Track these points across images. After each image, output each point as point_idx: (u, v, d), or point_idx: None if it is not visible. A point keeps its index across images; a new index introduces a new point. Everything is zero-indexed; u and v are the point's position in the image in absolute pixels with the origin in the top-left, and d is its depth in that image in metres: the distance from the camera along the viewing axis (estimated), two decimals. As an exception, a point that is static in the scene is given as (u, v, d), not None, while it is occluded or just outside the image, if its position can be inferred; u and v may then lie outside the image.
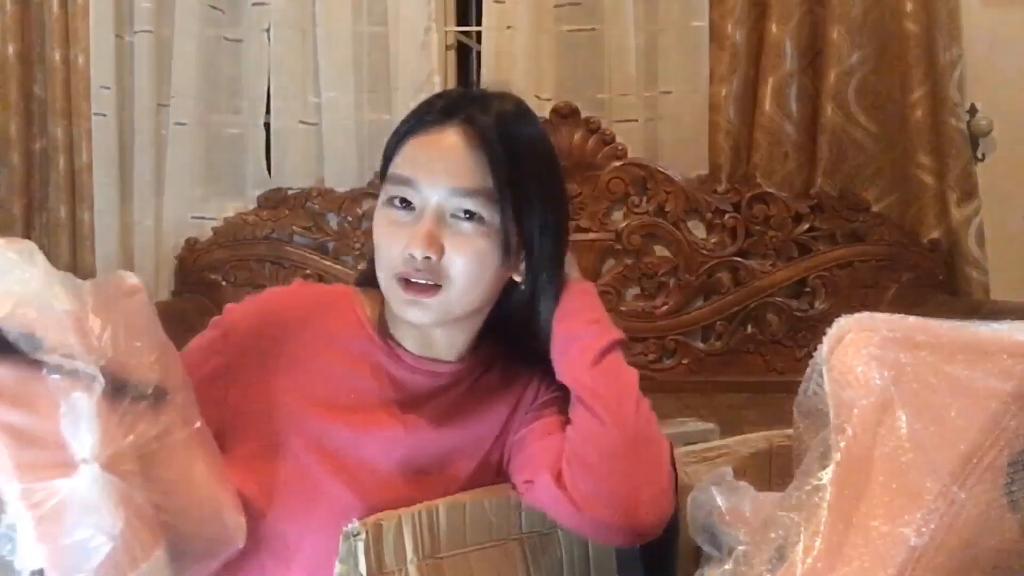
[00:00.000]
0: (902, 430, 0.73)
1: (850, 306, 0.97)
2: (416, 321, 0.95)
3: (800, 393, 0.83)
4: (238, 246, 2.40)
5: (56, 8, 2.34)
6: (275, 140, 2.42)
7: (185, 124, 2.38)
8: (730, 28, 2.30)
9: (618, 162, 2.33)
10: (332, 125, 2.39)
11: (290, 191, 2.40)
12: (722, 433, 1.25)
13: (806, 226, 2.31)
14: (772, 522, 0.77)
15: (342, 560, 0.85)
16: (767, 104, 2.29)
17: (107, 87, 2.34)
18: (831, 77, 2.26)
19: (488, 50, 2.37)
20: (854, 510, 0.73)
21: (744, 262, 2.32)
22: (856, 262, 2.30)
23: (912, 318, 0.78)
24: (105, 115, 2.34)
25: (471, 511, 0.93)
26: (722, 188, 2.32)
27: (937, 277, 2.28)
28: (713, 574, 0.86)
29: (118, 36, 2.36)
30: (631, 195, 2.33)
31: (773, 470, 1.07)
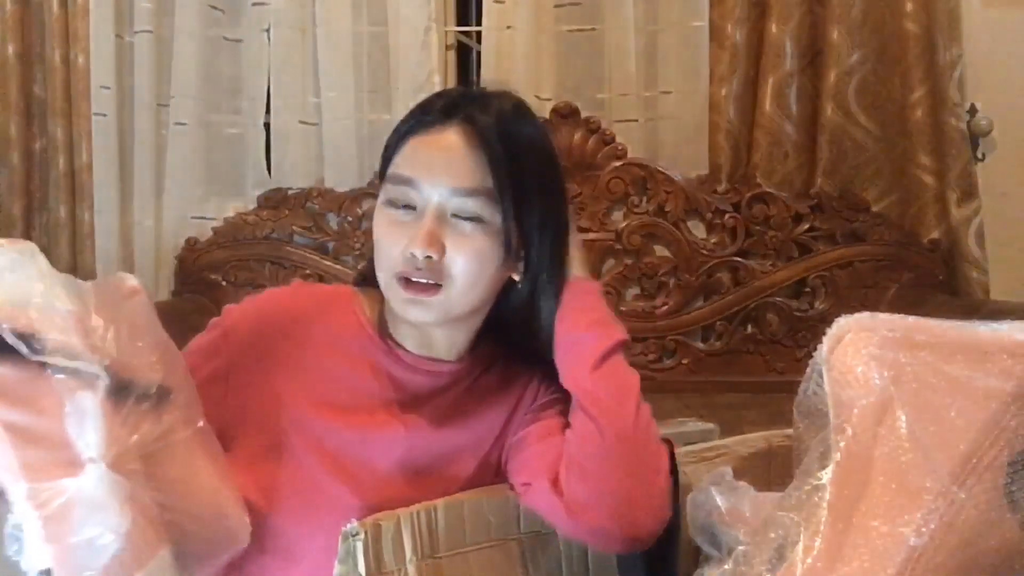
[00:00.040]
0: (902, 430, 0.73)
1: (850, 306, 0.97)
2: (417, 320, 0.95)
3: (800, 393, 0.83)
4: (238, 246, 2.40)
5: (56, 8, 2.33)
6: (275, 140, 2.41)
7: (185, 124, 2.37)
8: (730, 28, 2.29)
9: (618, 162, 2.32)
10: (332, 125, 2.38)
11: (290, 191, 2.40)
12: (722, 433, 1.25)
13: (806, 226, 2.31)
14: (772, 522, 0.78)
15: (341, 560, 0.85)
16: (767, 104, 2.29)
17: (107, 87, 2.34)
18: (831, 77, 2.26)
19: (488, 50, 2.36)
20: (854, 510, 0.73)
21: (744, 262, 2.32)
22: (856, 262, 2.30)
23: (912, 318, 0.78)
24: (105, 115, 2.34)
25: (470, 511, 0.93)
26: (722, 188, 2.32)
27: (937, 277, 2.28)
28: (713, 574, 0.86)
29: (118, 36, 2.36)
30: (631, 195, 2.33)
31: (772, 470, 1.07)
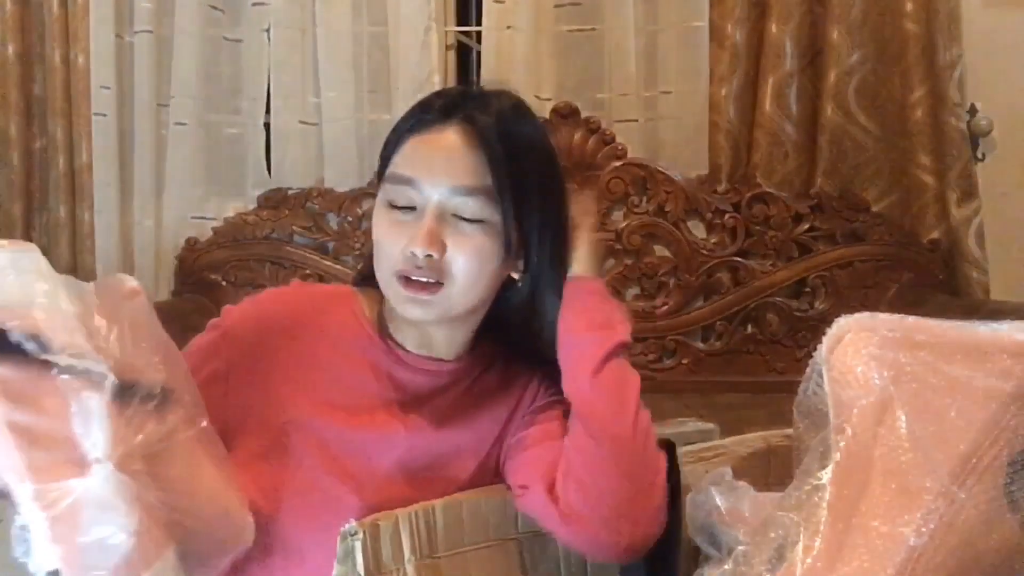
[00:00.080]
0: (901, 430, 0.73)
1: (850, 306, 0.97)
2: (417, 319, 0.95)
3: (800, 393, 0.83)
4: (238, 246, 2.39)
5: (56, 8, 2.33)
6: (275, 140, 2.41)
7: (185, 124, 2.37)
8: (730, 28, 2.29)
9: (618, 162, 2.32)
10: (332, 125, 2.38)
11: (290, 191, 2.40)
12: (722, 433, 1.25)
13: (806, 226, 2.31)
14: (772, 522, 0.78)
15: (340, 561, 0.85)
16: (767, 104, 2.29)
17: (107, 87, 2.33)
18: (831, 77, 2.26)
19: (488, 50, 2.36)
20: (854, 510, 0.73)
21: (744, 262, 2.32)
22: (856, 262, 2.30)
23: (912, 318, 0.78)
24: (105, 115, 2.34)
25: (468, 511, 0.93)
26: (722, 188, 2.32)
27: (937, 277, 2.28)
28: (713, 574, 0.86)
29: (118, 36, 2.36)
30: (631, 195, 2.33)
31: (771, 470, 1.07)
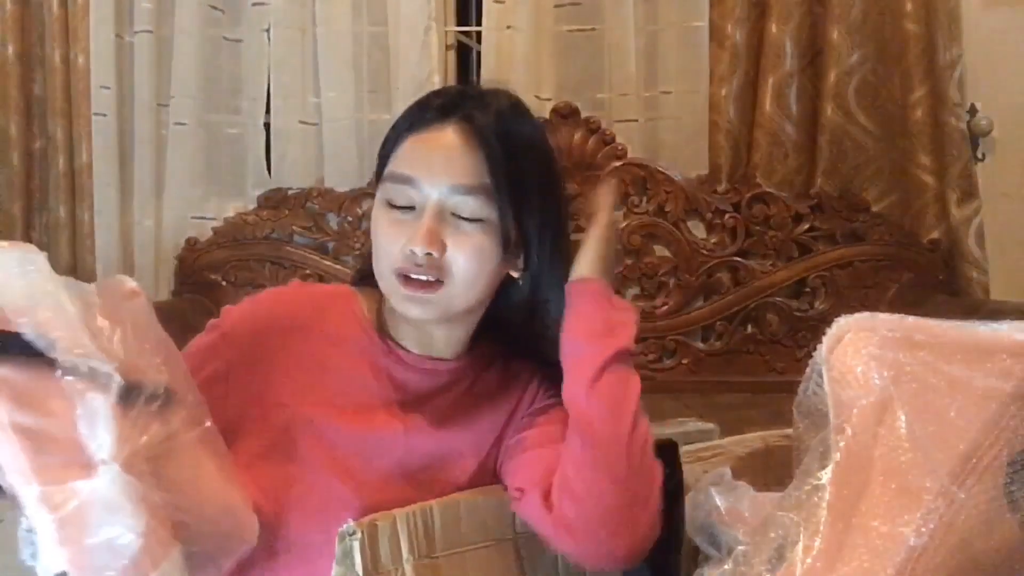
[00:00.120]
0: (901, 430, 0.73)
1: (850, 306, 0.97)
2: (416, 317, 0.95)
3: (800, 393, 0.83)
4: (238, 246, 2.40)
5: (56, 8, 2.33)
6: (275, 140, 2.41)
7: (185, 124, 2.37)
8: (730, 28, 2.29)
9: (618, 162, 2.32)
10: (332, 125, 2.38)
11: (290, 191, 2.40)
12: (722, 433, 1.25)
13: (806, 226, 2.31)
14: (771, 522, 0.78)
15: (338, 561, 0.85)
16: (767, 104, 2.29)
17: (107, 87, 2.34)
18: (831, 77, 2.26)
19: (488, 50, 2.36)
20: (854, 510, 0.73)
21: (744, 262, 2.32)
22: (856, 262, 2.30)
23: (912, 318, 0.78)
24: (105, 115, 2.34)
25: (466, 511, 0.94)
26: (722, 188, 2.32)
27: (937, 277, 2.28)
28: (713, 574, 0.86)
29: (118, 36, 2.36)
30: (631, 195, 2.33)
31: (770, 470, 1.07)
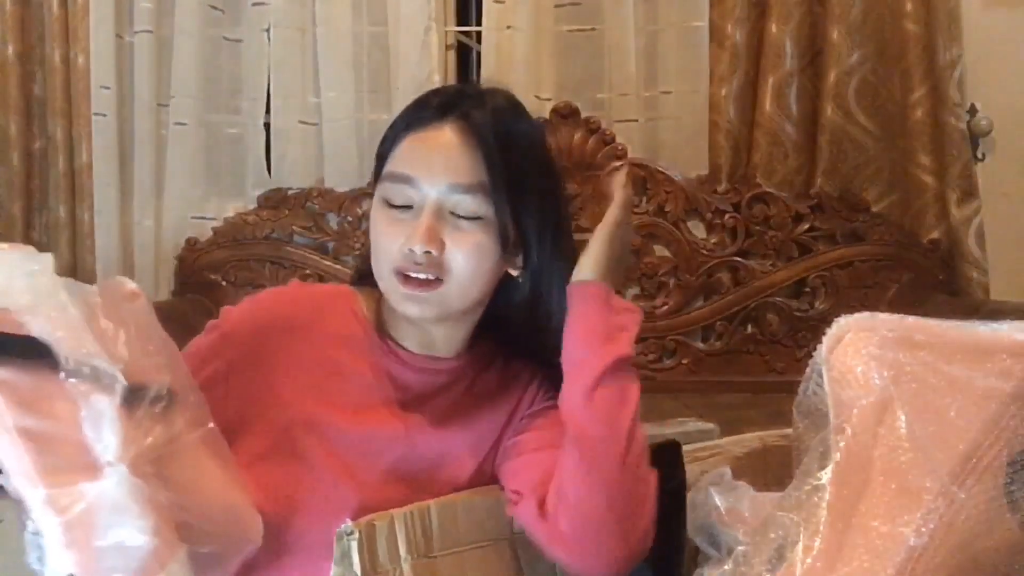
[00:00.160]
0: (901, 430, 0.73)
1: (850, 306, 0.97)
2: (415, 316, 0.95)
3: (800, 393, 0.83)
4: (238, 246, 2.39)
5: (56, 8, 2.33)
6: (275, 140, 2.41)
7: (185, 124, 2.37)
8: (730, 28, 2.29)
9: (618, 162, 2.32)
10: (332, 125, 2.38)
11: (290, 191, 2.40)
12: (722, 433, 1.25)
13: (806, 226, 2.31)
14: (771, 522, 0.78)
15: (337, 561, 0.85)
16: (767, 104, 2.29)
17: (107, 87, 2.33)
18: (831, 77, 2.26)
19: (488, 50, 2.36)
20: (853, 510, 0.73)
21: (744, 262, 2.32)
22: (856, 262, 2.30)
23: (912, 318, 0.78)
24: (105, 115, 2.34)
25: (463, 511, 0.94)
26: (722, 188, 2.32)
27: (937, 277, 2.28)
28: (713, 574, 0.86)
29: (118, 36, 2.35)
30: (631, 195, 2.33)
31: (768, 470, 1.07)
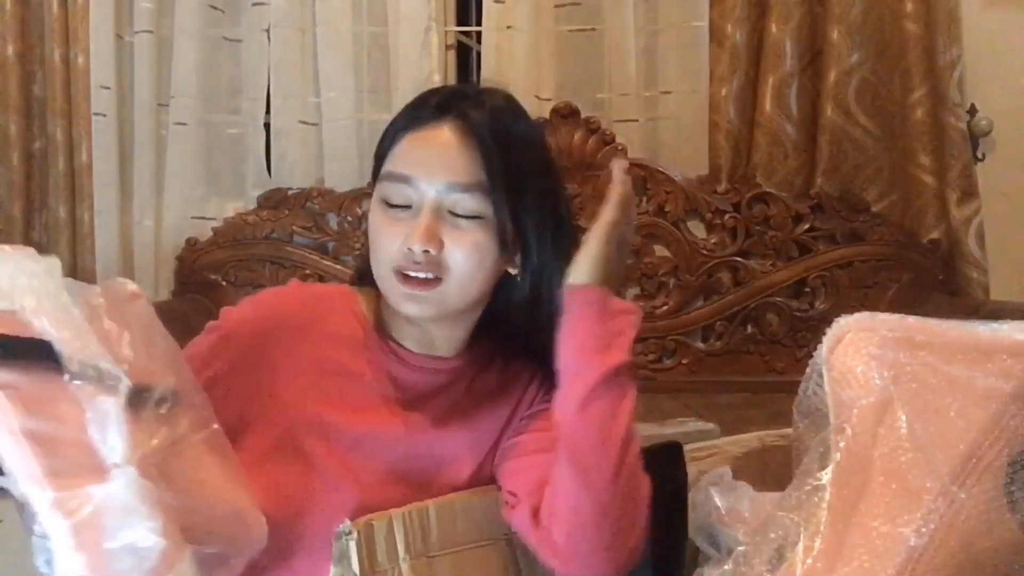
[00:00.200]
0: (902, 430, 0.73)
1: (850, 306, 0.97)
2: (415, 315, 0.95)
3: (800, 393, 0.83)
4: (238, 246, 2.39)
5: (56, 8, 2.33)
6: (275, 140, 2.41)
7: (185, 124, 2.37)
8: (730, 28, 2.29)
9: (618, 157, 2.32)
10: (332, 125, 2.38)
11: (290, 191, 2.40)
12: (722, 433, 1.26)
13: (806, 226, 2.30)
14: (772, 522, 0.78)
15: (335, 561, 0.86)
16: (767, 104, 2.28)
17: (107, 87, 2.33)
18: (831, 77, 2.26)
19: (488, 50, 2.36)
20: (854, 510, 0.73)
21: (744, 262, 2.32)
22: (856, 262, 2.30)
23: (912, 318, 0.78)
24: (105, 115, 2.33)
25: (461, 511, 0.94)
26: (722, 188, 2.32)
27: (937, 277, 2.27)
28: (713, 574, 0.86)
29: (118, 36, 2.35)
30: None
31: (766, 470, 1.07)
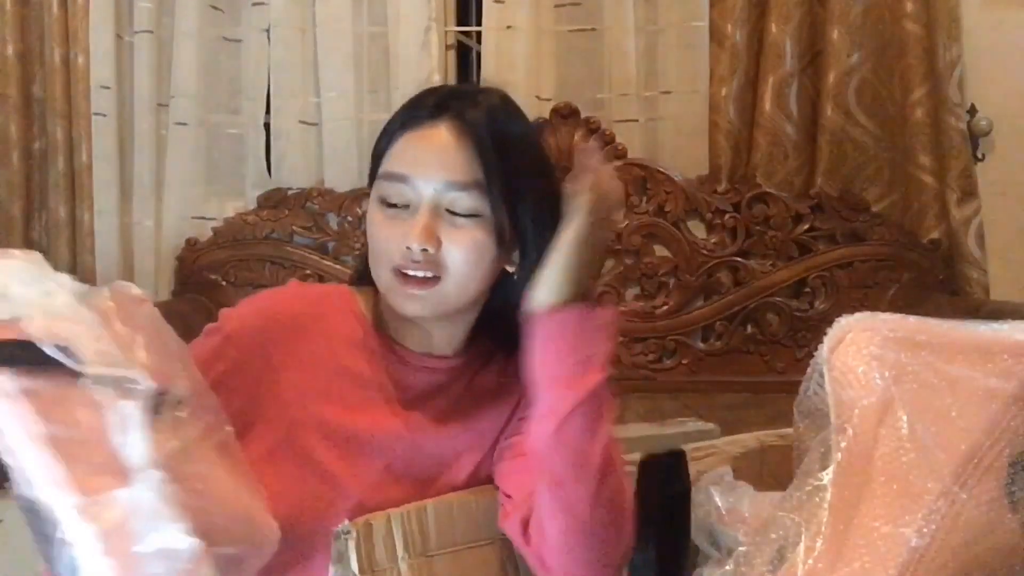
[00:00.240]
0: (903, 430, 0.73)
1: (850, 306, 0.97)
2: (414, 314, 0.95)
3: (800, 393, 0.83)
4: (238, 246, 2.39)
5: (56, 8, 2.32)
6: (275, 140, 2.40)
7: (185, 124, 2.37)
8: (730, 28, 2.29)
9: (618, 162, 2.32)
10: (332, 125, 2.38)
11: (290, 191, 2.39)
12: (722, 433, 1.26)
13: (806, 226, 2.30)
14: (773, 523, 0.78)
15: (335, 561, 0.86)
16: (767, 104, 2.28)
17: (107, 87, 2.33)
18: (831, 77, 2.26)
19: (488, 50, 2.36)
20: (855, 511, 0.73)
21: (744, 262, 2.32)
22: (856, 262, 2.30)
23: (913, 318, 0.78)
24: (105, 115, 2.33)
25: (460, 511, 0.94)
26: (722, 188, 2.32)
27: (937, 277, 2.28)
28: (713, 574, 0.86)
29: (118, 36, 2.35)
30: (631, 195, 2.33)
31: (765, 470, 1.07)
